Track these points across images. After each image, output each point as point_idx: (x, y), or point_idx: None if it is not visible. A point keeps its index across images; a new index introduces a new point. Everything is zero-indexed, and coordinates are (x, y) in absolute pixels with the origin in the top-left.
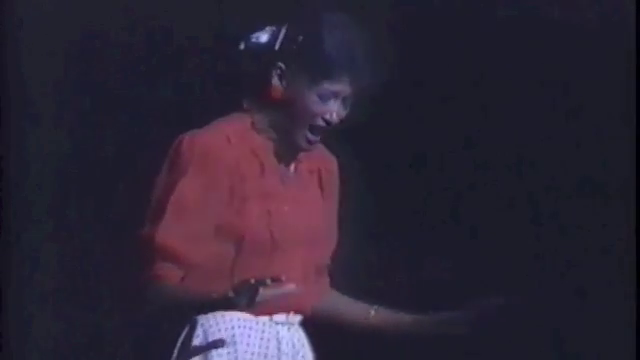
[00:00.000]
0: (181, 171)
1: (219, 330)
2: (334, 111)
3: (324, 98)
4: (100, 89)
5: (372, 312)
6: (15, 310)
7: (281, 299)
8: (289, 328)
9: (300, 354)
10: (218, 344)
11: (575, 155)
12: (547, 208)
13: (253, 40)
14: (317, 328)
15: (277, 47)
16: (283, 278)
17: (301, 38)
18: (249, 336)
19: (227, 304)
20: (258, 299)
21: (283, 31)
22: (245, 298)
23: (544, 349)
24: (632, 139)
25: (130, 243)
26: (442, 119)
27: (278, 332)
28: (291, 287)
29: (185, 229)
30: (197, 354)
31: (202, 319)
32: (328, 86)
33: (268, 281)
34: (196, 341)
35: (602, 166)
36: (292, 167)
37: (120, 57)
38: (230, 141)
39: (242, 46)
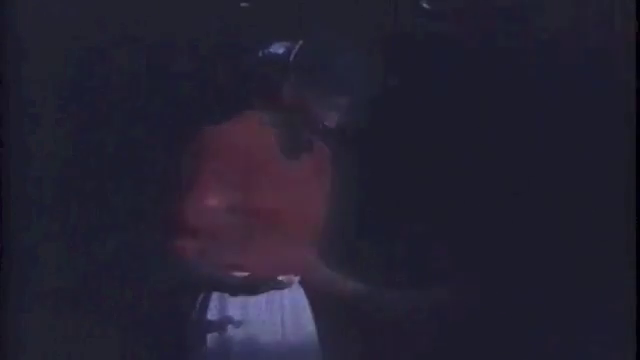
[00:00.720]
0: (203, 158)
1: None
2: (334, 119)
3: (327, 108)
4: (100, 89)
5: (348, 284)
6: (15, 310)
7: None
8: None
9: (300, 305)
10: (234, 323)
11: (575, 155)
12: (547, 207)
13: (271, 50)
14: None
15: (291, 59)
16: (281, 278)
17: (312, 56)
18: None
19: (237, 290)
20: (261, 290)
21: (297, 47)
22: (249, 289)
23: (544, 348)
24: (632, 139)
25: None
26: (442, 119)
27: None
28: (287, 284)
29: (205, 208)
30: (214, 329)
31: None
32: (331, 99)
33: (269, 282)
34: (212, 309)
35: (602, 166)
36: (294, 158)
37: (120, 57)
38: (244, 134)
39: (260, 54)
